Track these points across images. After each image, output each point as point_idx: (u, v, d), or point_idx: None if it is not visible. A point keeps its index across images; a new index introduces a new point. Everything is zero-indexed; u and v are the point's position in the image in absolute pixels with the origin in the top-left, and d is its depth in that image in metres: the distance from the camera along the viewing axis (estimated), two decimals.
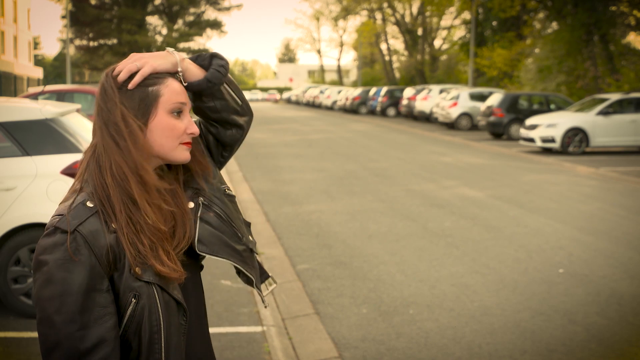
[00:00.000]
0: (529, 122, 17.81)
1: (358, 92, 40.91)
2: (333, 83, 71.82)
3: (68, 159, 4.86)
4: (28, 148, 4.88)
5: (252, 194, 10.54)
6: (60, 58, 69.65)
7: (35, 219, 4.81)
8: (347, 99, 41.33)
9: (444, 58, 49.61)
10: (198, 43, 50.25)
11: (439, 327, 4.82)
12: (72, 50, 44.57)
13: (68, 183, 4.78)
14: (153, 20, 48.96)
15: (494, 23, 35.82)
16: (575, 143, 16.68)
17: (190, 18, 49.67)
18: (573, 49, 26.26)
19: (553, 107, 21.12)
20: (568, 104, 20.72)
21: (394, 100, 35.73)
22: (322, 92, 50.18)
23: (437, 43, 52.41)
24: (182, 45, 48.98)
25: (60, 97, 12.33)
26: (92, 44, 46.60)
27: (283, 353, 4.33)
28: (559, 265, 6.42)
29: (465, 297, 5.49)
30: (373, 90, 39.28)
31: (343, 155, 16.34)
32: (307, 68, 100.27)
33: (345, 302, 5.39)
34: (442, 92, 29.08)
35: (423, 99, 29.86)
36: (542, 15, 32.66)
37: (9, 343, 4.45)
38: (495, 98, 22.02)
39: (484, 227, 8.13)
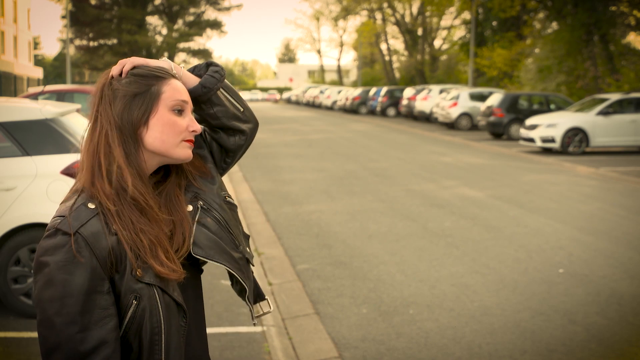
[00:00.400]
0: (529, 122, 17.81)
1: (358, 92, 40.91)
2: (333, 83, 71.82)
3: (68, 159, 4.86)
4: (28, 148, 4.88)
5: (252, 194, 10.54)
6: (60, 58, 69.66)
7: (35, 219, 4.81)
8: (347, 99, 41.33)
9: (444, 58, 49.61)
10: (198, 43, 50.37)
11: (439, 327, 4.82)
12: (72, 50, 44.59)
13: (68, 183, 4.78)
14: (153, 20, 49.04)
15: (494, 23, 35.83)
16: (575, 143, 16.68)
17: (190, 18, 49.70)
18: (573, 49, 26.26)
19: (553, 107, 21.12)
20: (568, 104, 20.72)
21: (394, 100, 35.73)
22: (322, 92, 50.19)
23: (437, 43, 52.44)
24: (182, 45, 49.03)
25: (60, 97, 12.32)
26: (92, 44, 46.64)
27: (283, 353, 4.33)
28: (559, 265, 6.42)
29: (465, 297, 5.49)
30: (373, 90, 39.29)
31: (343, 155, 16.35)
32: (307, 68, 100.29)
33: (345, 302, 5.39)
34: (442, 92, 29.08)
35: (423, 99, 29.86)
36: (542, 15, 32.66)
37: (9, 343, 4.45)
38: (495, 98, 22.02)
39: (484, 227, 8.13)
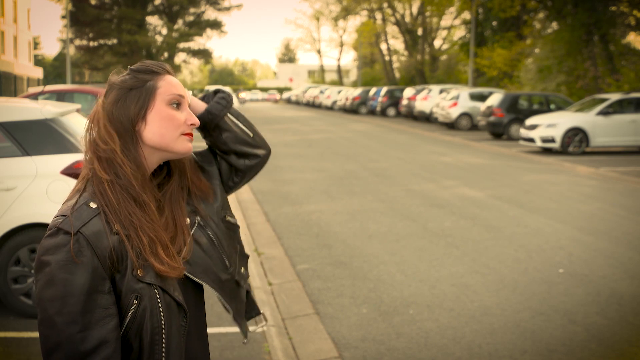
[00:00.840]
0: (529, 122, 17.81)
1: (358, 92, 40.91)
2: (333, 83, 71.81)
3: (68, 159, 4.86)
4: (28, 148, 4.88)
5: (252, 194, 10.54)
6: (60, 58, 69.67)
7: (35, 219, 4.81)
8: (347, 99, 41.33)
9: (444, 58, 49.60)
10: (198, 43, 50.30)
11: (439, 327, 4.83)
12: (72, 50, 44.58)
13: (68, 183, 4.79)
14: (153, 20, 49.00)
15: (494, 23, 35.83)
16: (575, 143, 16.68)
17: (190, 18, 49.68)
18: (573, 49, 26.26)
19: (553, 107, 21.12)
20: (568, 104, 20.72)
21: (394, 100, 35.73)
22: (322, 92, 50.19)
23: (437, 43, 52.43)
24: (182, 45, 49.01)
25: (60, 97, 12.32)
26: (92, 44, 46.60)
27: (283, 353, 4.33)
28: (559, 265, 6.42)
29: (465, 297, 5.49)
30: (373, 90, 39.28)
31: (343, 155, 16.35)
32: (307, 68, 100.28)
33: (345, 302, 5.39)
34: (442, 92, 29.08)
35: (423, 99, 29.86)
36: (542, 15, 32.66)
37: (9, 343, 4.45)
38: (495, 98, 22.02)
39: (484, 227, 8.13)
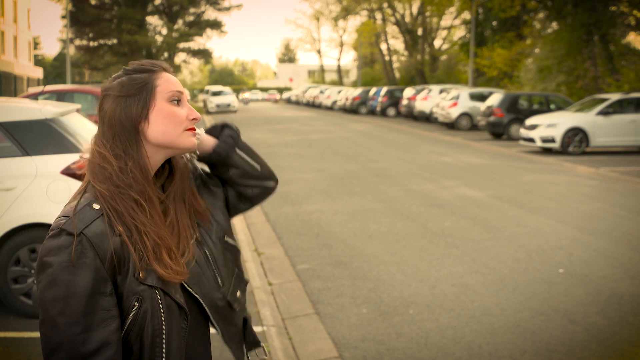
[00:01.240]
0: (529, 122, 17.81)
1: (358, 92, 40.90)
2: (333, 83, 71.80)
3: (68, 159, 4.86)
4: (28, 148, 4.88)
5: None
6: (60, 58, 69.67)
7: (35, 219, 4.81)
8: (347, 99, 41.32)
9: (444, 58, 49.61)
10: (198, 43, 50.26)
11: (439, 327, 4.83)
12: (72, 50, 44.58)
13: (68, 183, 4.79)
14: (153, 20, 48.97)
15: (494, 23, 35.82)
16: (575, 143, 16.68)
17: (190, 18, 49.65)
18: (573, 49, 26.26)
19: (553, 107, 21.12)
20: (568, 104, 20.72)
21: (394, 100, 35.72)
22: (322, 92, 50.17)
23: (437, 43, 52.44)
24: (182, 45, 49.00)
25: (60, 97, 12.32)
26: (92, 44, 46.56)
27: (283, 353, 4.33)
28: (559, 265, 6.42)
29: (465, 297, 5.49)
30: (373, 90, 39.27)
31: (343, 155, 16.35)
32: (307, 68, 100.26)
33: (345, 302, 5.39)
34: (442, 92, 29.08)
35: (423, 99, 29.86)
36: (542, 15, 32.66)
37: (9, 343, 4.45)
38: (495, 98, 22.02)
39: (484, 227, 8.13)
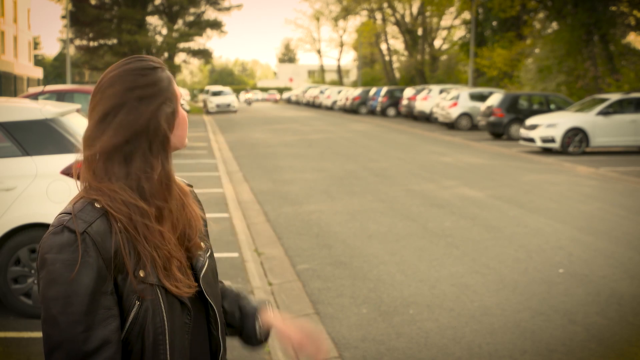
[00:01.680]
0: (529, 122, 17.81)
1: (358, 92, 40.90)
2: (333, 83, 71.79)
3: (68, 159, 4.86)
4: (28, 148, 4.88)
5: (252, 194, 10.54)
6: (60, 58, 69.67)
7: (35, 219, 4.81)
8: (347, 99, 41.33)
9: (444, 58, 49.61)
10: (198, 43, 50.23)
11: (439, 327, 4.82)
12: (72, 50, 44.57)
13: (68, 183, 4.78)
14: (153, 20, 48.95)
15: (494, 23, 35.83)
16: (575, 143, 16.68)
17: (190, 18, 49.64)
18: (573, 49, 26.26)
19: (553, 107, 21.12)
20: (568, 104, 20.72)
21: (394, 100, 35.72)
22: (322, 92, 50.17)
23: (437, 43, 52.43)
24: (182, 45, 48.98)
25: (60, 97, 12.32)
26: (92, 44, 46.58)
27: (283, 353, 4.33)
28: (559, 265, 6.42)
29: (465, 297, 5.49)
30: (373, 90, 39.27)
31: (343, 155, 16.34)
32: (307, 68, 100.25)
33: (345, 302, 5.39)
34: (442, 92, 29.08)
35: (423, 99, 29.86)
36: (542, 15, 32.66)
37: (9, 343, 4.45)
38: (495, 98, 22.02)
39: (484, 227, 8.13)
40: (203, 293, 1.48)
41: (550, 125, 16.93)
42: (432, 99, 29.12)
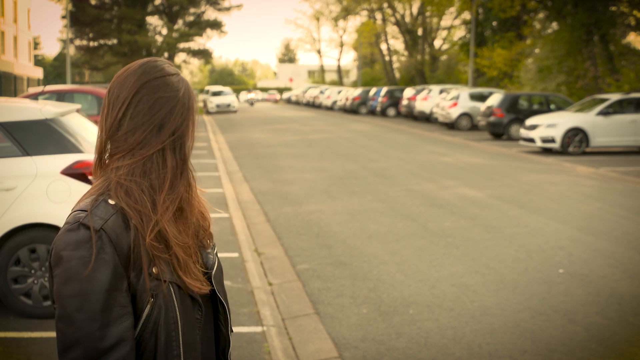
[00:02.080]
0: (529, 122, 17.81)
1: (358, 92, 40.90)
2: (333, 83, 71.80)
3: (68, 159, 4.86)
4: (28, 148, 4.88)
5: (252, 194, 10.54)
6: (60, 58, 69.66)
7: (35, 219, 4.82)
8: (347, 99, 41.33)
9: (444, 58, 49.61)
10: (198, 43, 50.24)
11: (439, 327, 4.83)
12: (72, 50, 44.58)
13: (68, 183, 4.79)
14: (153, 20, 48.96)
15: (494, 23, 35.82)
16: (575, 143, 16.68)
17: (190, 18, 49.64)
18: (573, 49, 26.26)
19: (553, 107, 21.12)
20: (568, 104, 20.72)
21: (394, 101, 35.72)
22: (322, 92, 50.18)
23: (437, 43, 52.42)
24: (182, 46, 49.00)
25: (60, 97, 12.33)
26: (92, 44, 46.57)
27: (283, 353, 4.33)
28: (559, 265, 6.42)
29: (465, 297, 5.49)
30: (373, 91, 39.27)
31: (343, 155, 16.34)
32: (307, 68, 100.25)
33: (345, 302, 5.39)
34: (442, 92, 29.08)
35: (423, 99, 29.86)
36: (542, 15, 32.67)
37: (9, 343, 4.45)
38: (495, 98, 22.02)
39: (484, 227, 8.13)
40: (213, 290, 1.49)
41: (550, 126, 16.93)
42: (432, 99, 29.12)
